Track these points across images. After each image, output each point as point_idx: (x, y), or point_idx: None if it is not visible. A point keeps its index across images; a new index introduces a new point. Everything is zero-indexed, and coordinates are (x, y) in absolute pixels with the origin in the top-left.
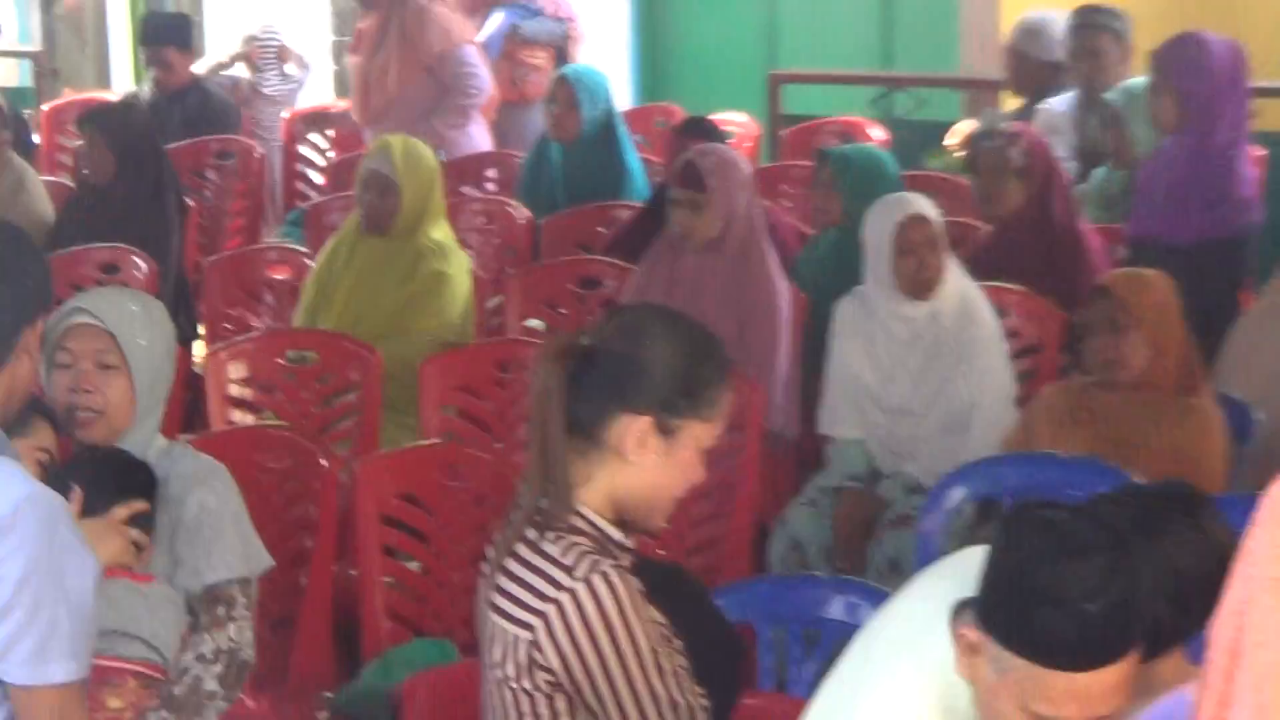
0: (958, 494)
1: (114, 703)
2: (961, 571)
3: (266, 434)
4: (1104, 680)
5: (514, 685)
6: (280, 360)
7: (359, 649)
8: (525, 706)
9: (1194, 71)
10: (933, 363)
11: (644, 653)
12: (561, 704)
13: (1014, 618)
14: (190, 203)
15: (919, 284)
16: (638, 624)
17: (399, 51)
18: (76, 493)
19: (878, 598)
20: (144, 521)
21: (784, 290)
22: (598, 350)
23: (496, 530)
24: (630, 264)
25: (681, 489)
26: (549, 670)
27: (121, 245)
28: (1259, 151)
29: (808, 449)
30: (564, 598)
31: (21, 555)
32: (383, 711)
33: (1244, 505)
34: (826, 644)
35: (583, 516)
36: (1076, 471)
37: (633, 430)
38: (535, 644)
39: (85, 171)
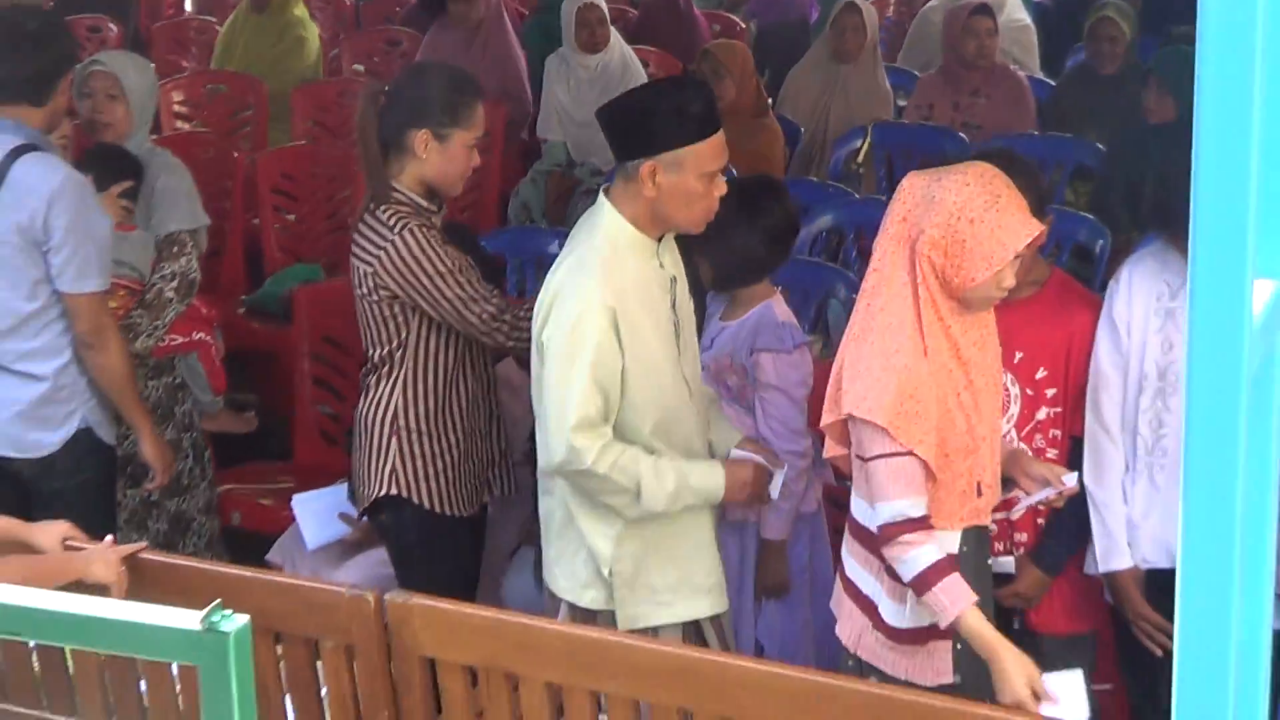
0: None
1: (112, 303)
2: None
3: (199, 136)
4: (720, 139)
5: (370, 299)
6: (203, 89)
7: (262, 270)
8: (377, 311)
9: None
10: (603, 95)
11: (446, 269)
12: (398, 307)
13: (677, 129)
14: None
15: (591, 45)
16: (438, 254)
17: None
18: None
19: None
20: (131, 193)
21: (519, 55)
22: (393, 91)
23: (340, 196)
24: (421, 33)
25: (462, 172)
26: (387, 288)
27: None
28: None
29: (533, 146)
30: (387, 244)
31: (67, 211)
32: (278, 306)
33: (800, 186)
34: (545, 267)
35: (402, 193)
36: None
37: (419, 138)
38: (376, 274)
39: None
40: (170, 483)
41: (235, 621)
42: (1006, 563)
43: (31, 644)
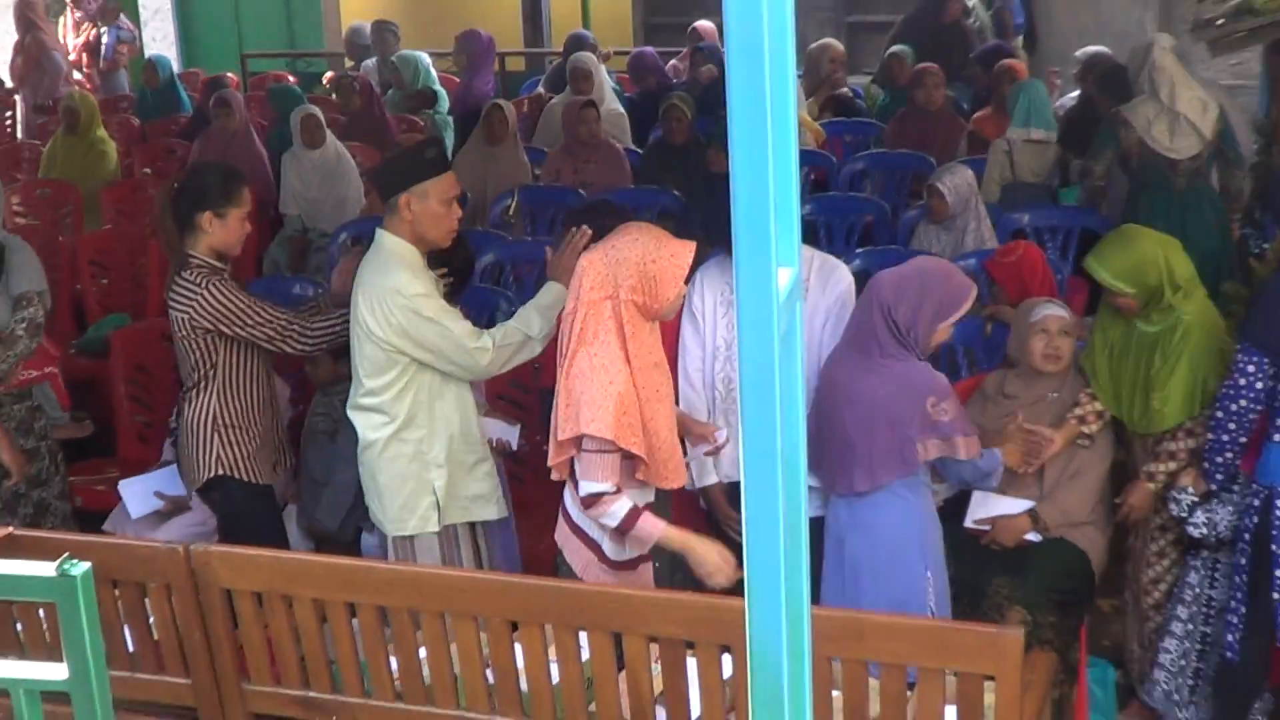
0: (344, 235)
1: None
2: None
3: (33, 228)
4: (453, 176)
5: (188, 338)
6: (34, 194)
7: (85, 321)
8: (192, 344)
9: None
10: (325, 179)
11: (244, 306)
12: (210, 338)
13: (418, 169)
14: None
15: (312, 143)
16: (236, 297)
17: None
18: None
19: (312, 284)
20: None
21: (263, 153)
22: (181, 186)
23: (139, 264)
24: (190, 142)
25: (239, 238)
26: (201, 326)
27: None
28: None
29: (277, 218)
30: (198, 296)
31: None
32: (100, 346)
33: (472, 235)
34: (295, 305)
35: (199, 258)
36: None
37: (205, 218)
38: (191, 318)
39: None
40: (31, 477)
41: (81, 567)
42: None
43: None
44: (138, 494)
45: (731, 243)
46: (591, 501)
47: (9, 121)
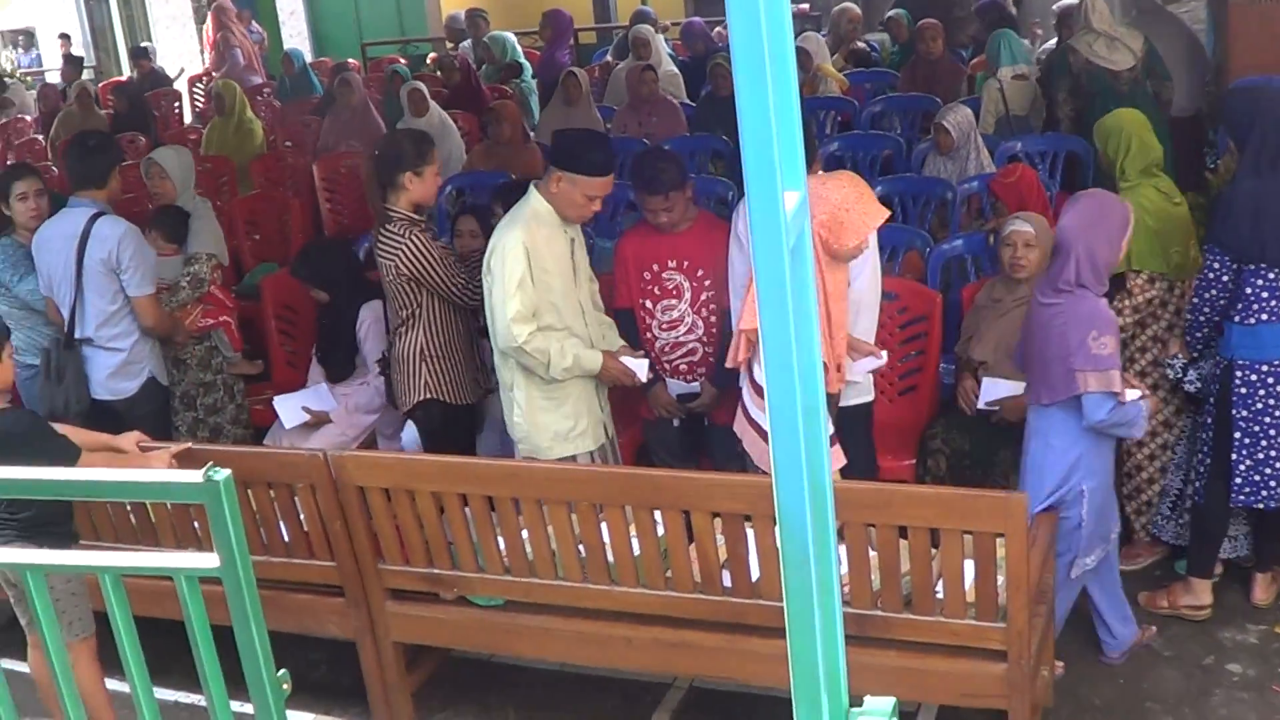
0: (448, 189)
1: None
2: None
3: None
4: (609, 180)
5: (394, 283)
6: (199, 169)
7: (242, 270)
8: (398, 289)
9: None
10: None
11: (436, 259)
12: (413, 284)
13: (580, 162)
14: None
15: (418, 112)
16: (431, 249)
17: None
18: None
19: None
20: (179, 233)
21: (380, 123)
22: (382, 152)
23: (285, 220)
24: (321, 118)
25: (434, 192)
26: (404, 274)
27: (135, 131)
28: None
29: None
30: (402, 245)
31: (128, 250)
32: (253, 291)
33: None
34: None
35: (401, 213)
36: (490, 177)
37: (405, 179)
38: (396, 265)
39: None
40: (208, 405)
41: (222, 474)
42: (694, 386)
43: (128, 504)
44: (290, 409)
45: None
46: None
47: (177, 109)
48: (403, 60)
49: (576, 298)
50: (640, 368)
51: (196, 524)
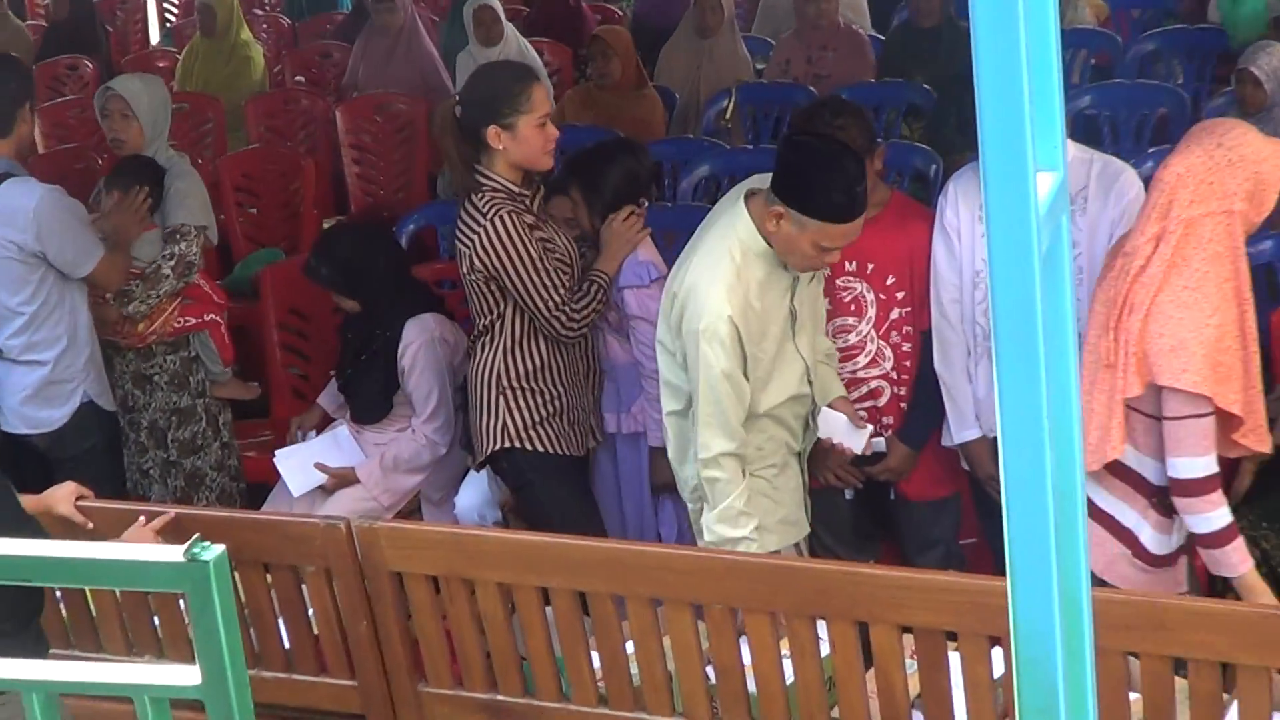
0: None
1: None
2: (742, 186)
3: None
4: (850, 229)
5: (469, 277)
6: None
7: (231, 257)
8: (476, 287)
9: None
10: None
11: (527, 257)
12: (494, 285)
13: (815, 200)
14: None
15: (488, 39)
16: (523, 241)
17: None
18: (114, 196)
19: None
20: (154, 197)
21: (435, 54)
22: (463, 99)
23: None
24: (350, 44)
25: (541, 149)
26: (481, 269)
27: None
28: None
29: None
30: (480, 229)
31: (51, 223)
32: (248, 286)
33: (680, 144)
34: None
35: (496, 180)
36: (587, 133)
37: (490, 134)
38: (472, 256)
39: None
40: (184, 442)
41: (213, 551)
42: (878, 443)
43: (58, 592)
44: (298, 469)
45: None
46: (1197, 488)
47: (141, 22)
48: None
49: (798, 353)
50: (858, 440)
51: (157, 619)
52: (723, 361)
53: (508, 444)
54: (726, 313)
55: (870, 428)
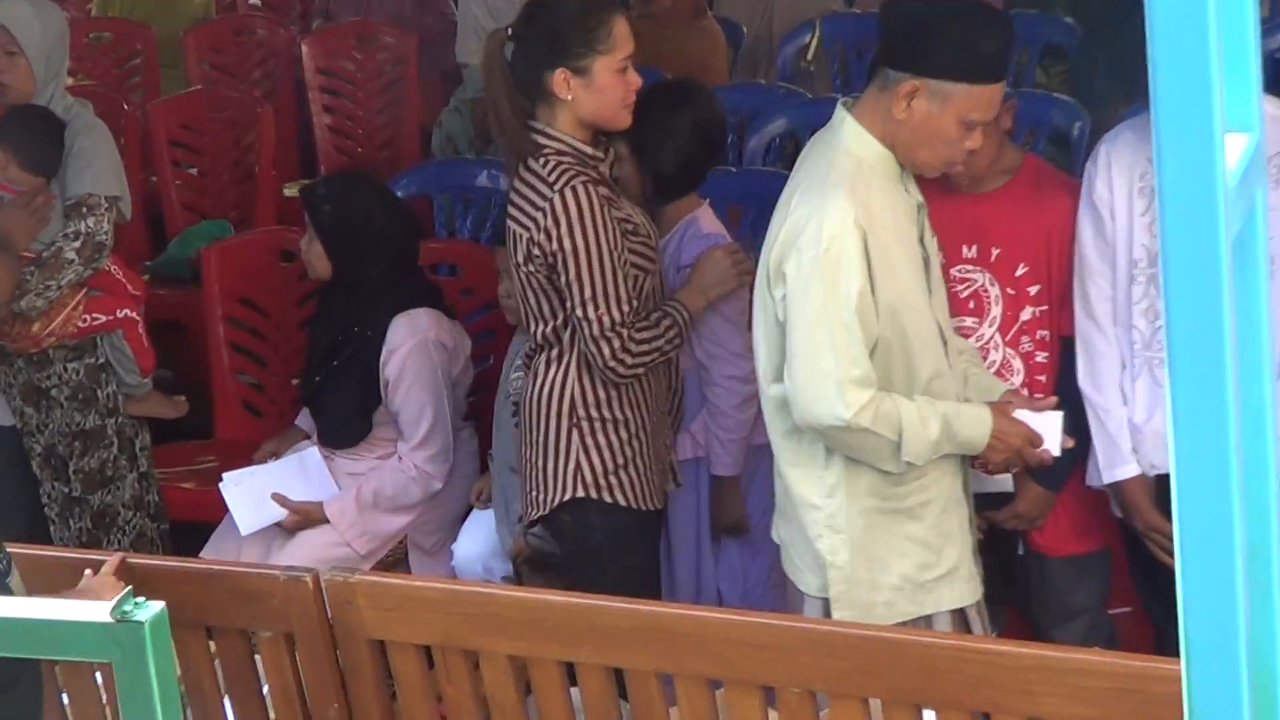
0: None
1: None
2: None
3: (83, 90)
4: (1000, 88)
5: (526, 269)
6: (85, 39)
7: (164, 231)
8: (537, 282)
9: None
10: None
11: (597, 246)
12: (553, 276)
13: (960, 56)
14: None
15: None
16: (603, 224)
17: None
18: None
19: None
20: (52, 155)
21: None
22: (518, 34)
23: (245, 143)
24: None
25: (621, 99)
26: (543, 256)
27: None
28: None
29: (452, 72)
30: (546, 203)
31: None
32: (186, 269)
33: (748, 91)
34: (477, 204)
35: (562, 140)
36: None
37: (557, 80)
38: (533, 239)
39: None
40: (89, 473)
41: (150, 609)
42: (1004, 480)
43: None
44: (247, 498)
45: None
46: None
47: None
48: None
49: (932, 312)
50: (1052, 428)
51: (65, 697)
52: (855, 280)
53: (582, 493)
54: (851, 217)
55: (1061, 412)
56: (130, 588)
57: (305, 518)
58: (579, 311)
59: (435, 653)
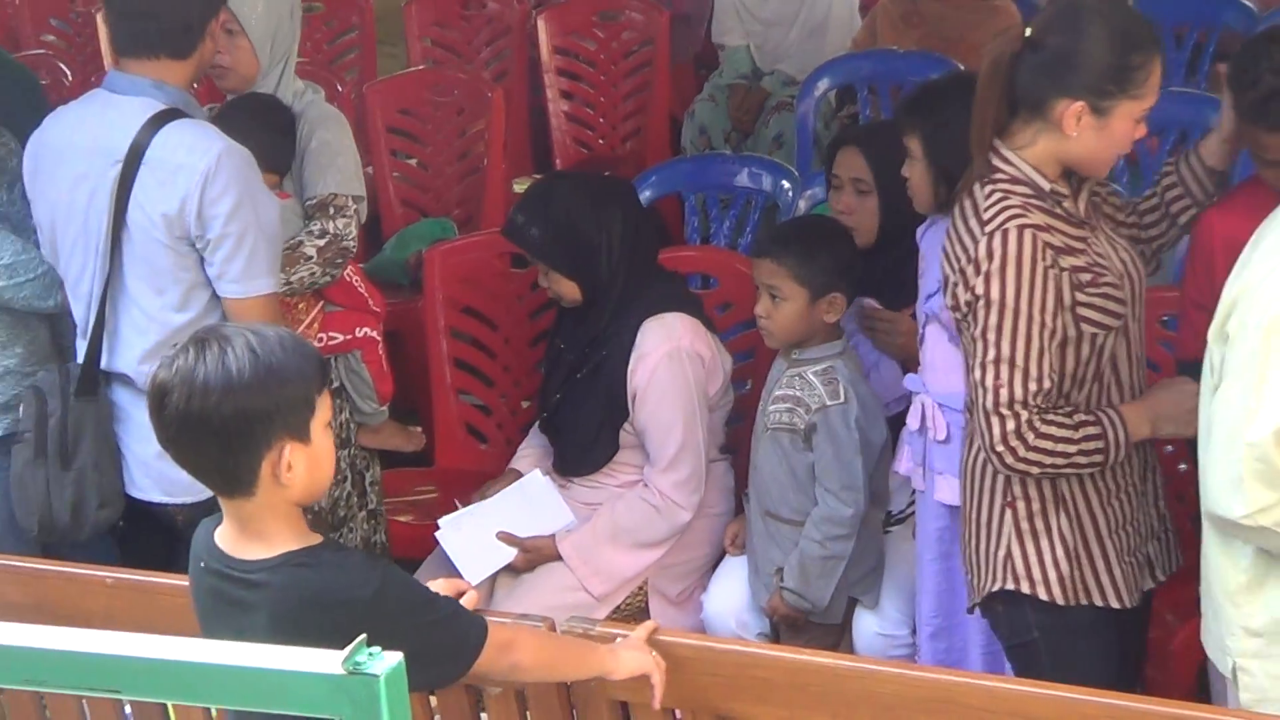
0: (823, 84)
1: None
2: None
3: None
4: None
5: (954, 316)
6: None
7: (379, 230)
8: (961, 332)
9: None
10: None
11: (1024, 313)
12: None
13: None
14: None
15: None
16: (1032, 282)
17: None
18: None
19: (770, 165)
20: (285, 149)
21: None
22: (1039, 40)
23: (473, 131)
24: None
25: (1120, 151)
26: (957, 303)
27: None
28: None
29: (706, 55)
30: (977, 245)
31: (227, 195)
32: (403, 274)
33: None
34: (736, 206)
35: (1019, 169)
36: (912, 62)
37: (1070, 112)
38: (958, 286)
39: None
40: (324, 513)
41: (385, 660)
42: None
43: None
44: (469, 544)
45: None
46: None
47: None
48: None
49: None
50: None
51: None
52: None
53: (1011, 585)
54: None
55: None
56: (364, 636)
57: (538, 554)
58: (976, 374)
59: (684, 717)
